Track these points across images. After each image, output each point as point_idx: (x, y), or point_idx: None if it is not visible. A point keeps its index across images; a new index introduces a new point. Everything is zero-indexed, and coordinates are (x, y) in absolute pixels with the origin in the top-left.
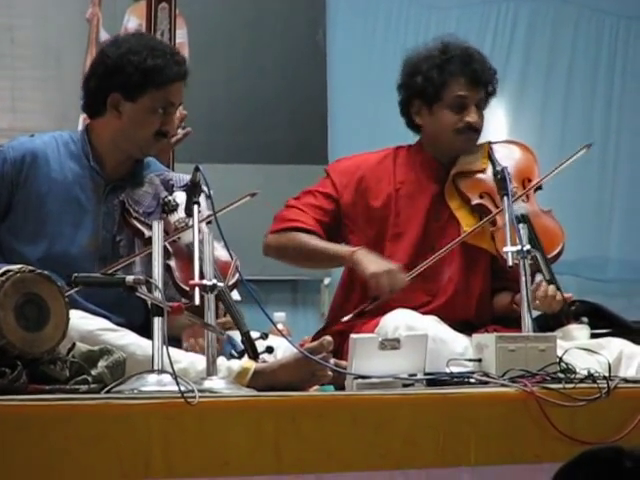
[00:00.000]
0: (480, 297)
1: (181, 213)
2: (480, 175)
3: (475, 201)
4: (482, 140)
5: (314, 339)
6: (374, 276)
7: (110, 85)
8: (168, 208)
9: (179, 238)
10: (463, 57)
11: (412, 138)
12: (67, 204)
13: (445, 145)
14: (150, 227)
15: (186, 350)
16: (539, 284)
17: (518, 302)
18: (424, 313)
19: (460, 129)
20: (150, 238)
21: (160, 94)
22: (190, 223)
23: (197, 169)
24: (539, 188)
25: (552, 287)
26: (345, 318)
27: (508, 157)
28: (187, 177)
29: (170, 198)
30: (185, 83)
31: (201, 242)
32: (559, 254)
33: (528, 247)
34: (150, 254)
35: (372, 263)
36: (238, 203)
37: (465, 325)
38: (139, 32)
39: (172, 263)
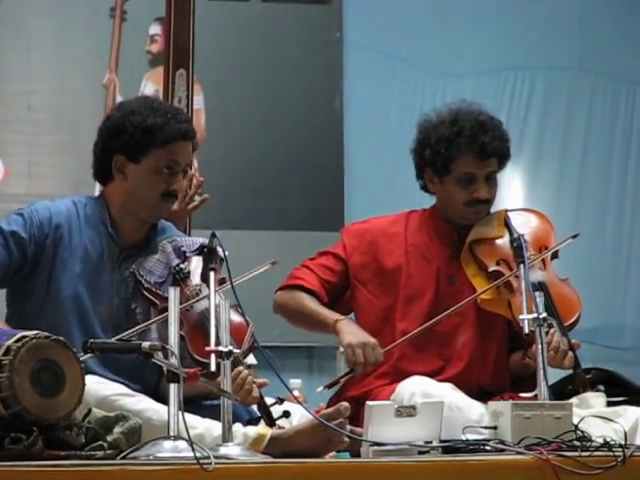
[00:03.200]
0: (496, 363)
1: (194, 280)
2: (497, 242)
3: (492, 268)
4: (498, 207)
5: (329, 406)
6: (349, 347)
7: (113, 148)
8: (179, 276)
9: (191, 307)
10: (472, 130)
11: (428, 203)
12: (84, 270)
13: (456, 215)
14: (162, 298)
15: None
16: (551, 337)
17: (531, 356)
18: (440, 381)
19: (469, 202)
20: (164, 308)
21: (163, 153)
22: (203, 290)
23: (214, 235)
24: (555, 257)
25: (564, 340)
26: (320, 388)
27: (524, 225)
28: (199, 240)
29: (182, 266)
30: (194, 146)
31: (217, 308)
32: (576, 322)
33: (544, 315)
34: (166, 323)
35: (350, 334)
36: (259, 271)
37: (481, 392)
38: (144, 95)
39: (184, 333)
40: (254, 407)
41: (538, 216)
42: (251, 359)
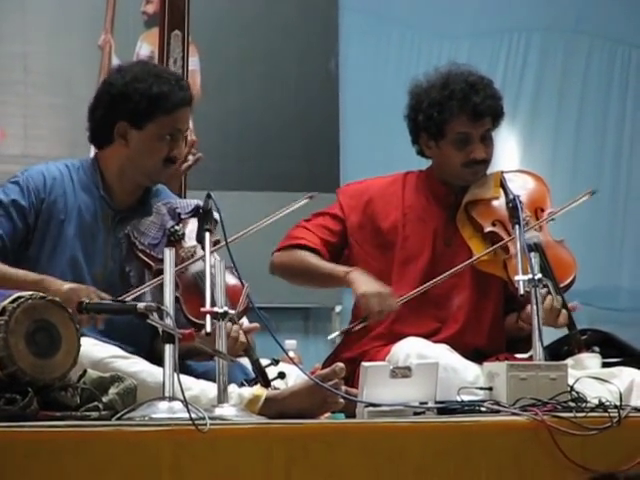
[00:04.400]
0: (492, 324)
1: (189, 242)
2: (493, 203)
3: (488, 229)
4: (494, 169)
5: (324, 367)
6: (364, 296)
7: (117, 114)
8: (174, 238)
9: (186, 269)
10: (463, 91)
11: (424, 166)
12: (79, 233)
13: (454, 177)
14: (156, 259)
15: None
16: (545, 296)
17: (524, 319)
18: (435, 342)
19: (466, 163)
20: (158, 270)
21: (167, 120)
22: (198, 251)
23: (209, 196)
24: (551, 218)
25: (558, 298)
26: (330, 336)
27: (520, 186)
28: (193, 202)
29: (176, 228)
30: (191, 109)
31: (212, 269)
32: (571, 283)
33: (539, 276)
34: (160, 284)
35: (364, 284)
36: (298, 204)
37: (477, 353)
38: (142, 60)
39: (179, 294)
40: (249, 368)
41: (534, 178)
42: (246, 323)
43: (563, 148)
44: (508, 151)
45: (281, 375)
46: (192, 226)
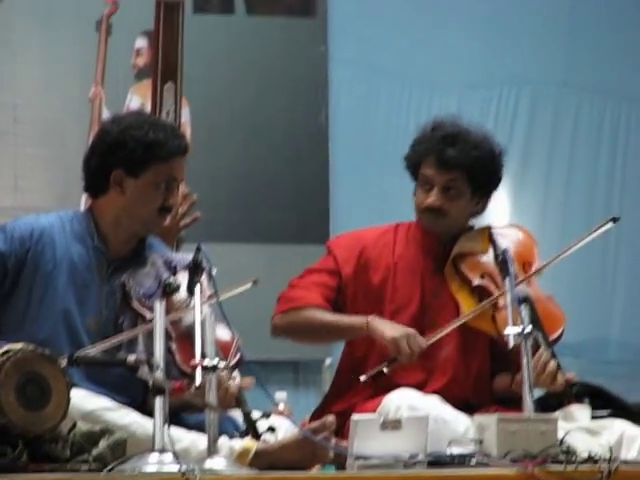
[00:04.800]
0: (478, 378)
1: (183, 294)
2: (481, 257)
3: (476, 282)
4: (485, 223)
5: (312, 419)
6: (394, 340)
7: (112, 162)
8: (169, 290)
9: (180, 320)
10: (444, 137)
11: (414, 218)
12: (72, 284)
13: (419, 222)
14: (151, 309)
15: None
16: (540, 355)
17: (518, 383)
18: (425, 393)
19: (421, 210)
20: (152, 320)
21: (163, 168)
22: (192, 304)
23: (199, 249)
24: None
25: (553, 363)
26: (363, 377)
27: (509, 240)
28: (190, 257)
29: (171, 280)
30: (185, 160)
31: (203, 322)
32: (559, 337)
33: (530, 328)
34: (152, 335)
35: (389, 328)
36: (239, 290)
37: (465, 405)
38: (136, 110)
39: (173, 345)
40: (239, 420)
41: (522, 232)
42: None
43: (553, 200)
44: (498, 203)
45: (271, 429)
46: (187, 280)
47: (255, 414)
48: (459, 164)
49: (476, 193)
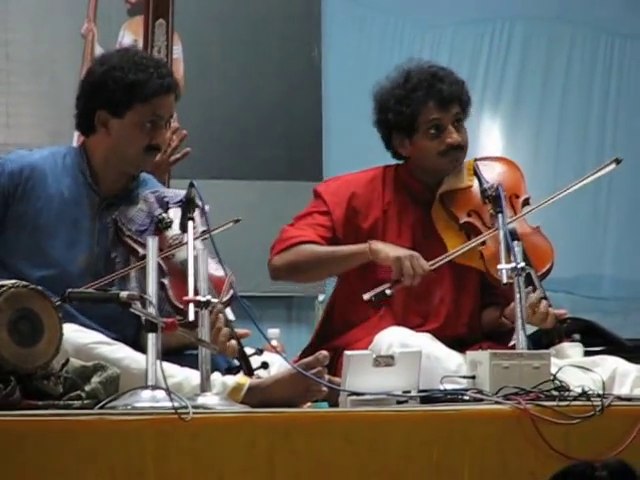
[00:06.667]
0: (471, 315)
1: (176, 230)
2: (467, 193)
3: (463, 219)
4: (473, 156)
5: (303, 355)
6: (398, 260)
7: (96, 103)
8: (162, 226)
9: (173, 255)
10: (427, 81)
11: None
12: (62, 220)
13: (433, 169)
14: (143, 245)
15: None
16: (539, 301)
17: (508, 315)
18: None
19: (443, 152)
20: (144, 256)
21: (146, 108)
22: (184, 240)
23: (192, 185)
24: (527, 203)
25: (544, 304)
26: (366, 295)
27: (494, 173)
28: (182, 193)
29: (164, 215)
30: (176, 96)
31: (195, 258)
32: (548, 271)
33: (523, 264)
34: (145, 271)
35: (393, 250)
36: (221, 229)
37: (458, 342)
38: (125, 48)
39: (166, 281)
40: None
41: (507, 164)
42: (229, 314)
43: (546, 135)
44: (491, 139)
45: (264, 365)
46: (179, 215)
47: (248, 350)
48: (456, 96)
49: (465, 119)
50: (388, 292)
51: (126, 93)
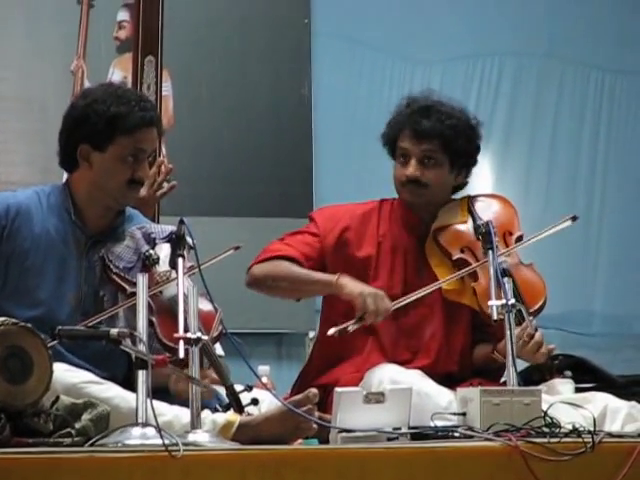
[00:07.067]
0: (462, 352)
1: (163, 266)
2: (460, 229)
3: (456, 256)
4: (467, 193)
5: (293, 392)
6: (361, 296)
7: (79, 136)
8: (149, 262)
9: (161, 292)
10: (418, 109)
11: (395, 193)
12: (50, 260)
13: (400, 197)
14: (131, 283)
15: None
16: (525, 327)
17: (501, 351)
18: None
19: (402, 182)
20: (132, 293)
21: (128, 141)
22: (172, 276)
23: (182, 222)
24: (520, 240)
25: (539, 334)
26: (331, 330)
27: (488, 210)
28: (169, 228)
29: (151, 252)
30: (159, 132)
31: (185, 295)
32: (541, 307)
33: (513, 301)
34: (134, 309)
35: (358, 286)
36: (222, 256)
37: (448, 378)
38: (108, 82)
39: (153, 318)
40: (223, 394)
41: (501, 201)
42: (218, 350)
43: (536, 172)
44: (481, 176)
45: (254, 401)
46: (167, 251)
47: (238, 387)
48: (434, 133)
49: (455, 164)
50: (350, 328)
51: (108, 126)
